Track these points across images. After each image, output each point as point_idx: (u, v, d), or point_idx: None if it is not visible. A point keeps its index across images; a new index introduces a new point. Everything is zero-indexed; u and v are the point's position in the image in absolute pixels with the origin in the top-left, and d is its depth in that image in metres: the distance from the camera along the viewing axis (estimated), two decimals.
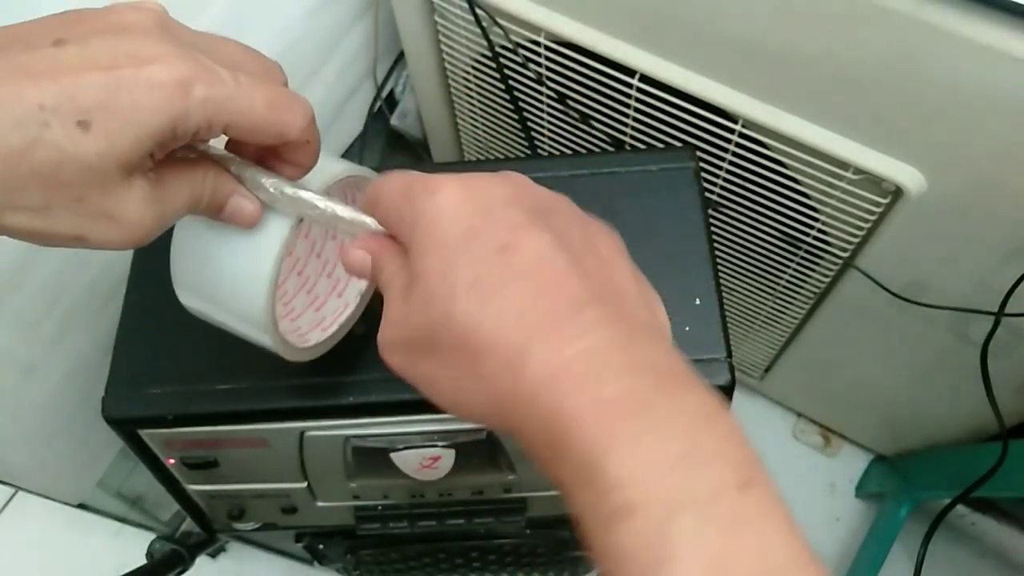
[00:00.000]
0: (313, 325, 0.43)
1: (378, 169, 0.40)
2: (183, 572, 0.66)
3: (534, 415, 0.25)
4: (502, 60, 0.79)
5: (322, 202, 0.33)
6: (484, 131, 0.95)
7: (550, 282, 0.26)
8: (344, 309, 0.44)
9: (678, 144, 0.74)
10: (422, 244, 0.28)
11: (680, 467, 0.22)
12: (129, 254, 0.53)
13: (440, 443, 0.51)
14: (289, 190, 0.32)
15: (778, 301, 0.90)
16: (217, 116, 0.28)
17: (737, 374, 0.49)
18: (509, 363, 0.25)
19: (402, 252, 0.30)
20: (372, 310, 0.49)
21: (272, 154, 0.32)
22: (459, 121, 0.98)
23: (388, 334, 0.30)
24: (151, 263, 0.52)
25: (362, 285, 0.45)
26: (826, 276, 0.80)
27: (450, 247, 0.27)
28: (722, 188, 0.77)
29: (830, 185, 0.68)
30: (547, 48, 0.73)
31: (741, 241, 0.83)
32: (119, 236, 0.28)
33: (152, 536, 0.67)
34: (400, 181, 0.30)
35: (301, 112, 0.31)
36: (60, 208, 0.26)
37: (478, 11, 0.74)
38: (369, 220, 0.33)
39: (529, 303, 0.26)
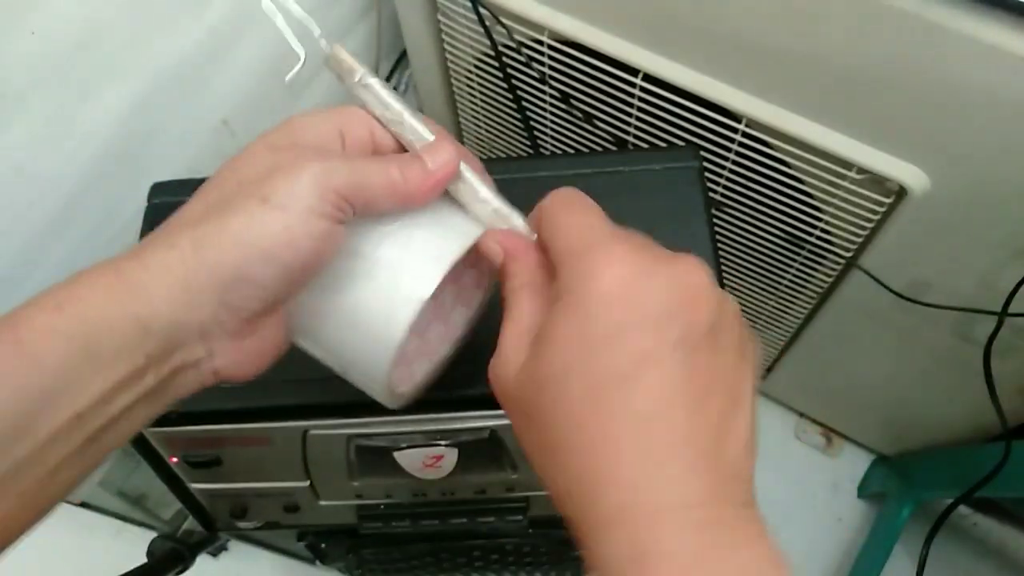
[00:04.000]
0: (419, 355, 0.40)
1: None
2: (183, 571, 0.66)
3: (605, 537, 0.26)
4: (505, 59, 0.79)
5: (484, 191, 0.34)
6: (487, 130, 0.95)
7: (654, 428, 0.26)
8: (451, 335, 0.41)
9: (681, 143, 0.74)
10: (568, 304, 0.28)
11: None
12: None
13: (443, 442, 0.50)
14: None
15: (781, 301, 0.90)
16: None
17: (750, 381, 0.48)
18: (587, 481, 0.26)
19: (542, 267, 0.32)
20: None
21: None
22: (462, 120, 0.98)
23: (502, 361, 0.30)
24: None
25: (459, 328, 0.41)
26: (829, 276, 0.80)
27: (588, 336, 0.27)
28: (725, 187, 0.76)
29: (834, 185, 0.67)
30: (550, 47, 0.73)
31: (744, 241, 0.83)
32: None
33: (153, 535, 0.67)
34: (582, 218, 0.30)
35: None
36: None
37: (481, 10, 0.74)
38: (521, 223, 0.33)
39: (626, 440, 0.26)
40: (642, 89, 0.71)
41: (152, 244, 0.29)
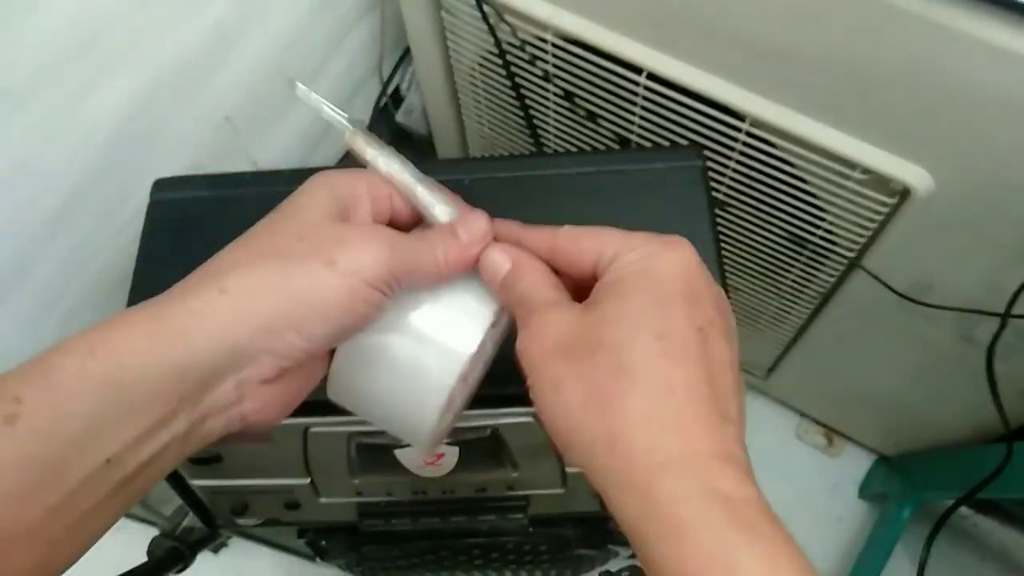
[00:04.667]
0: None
1: None
2: (184, 568, 0.66)
3: (659, 482, 0.27)
4: (509, 57, 0.79)
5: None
6: (490, 128, 0.95)
7: (719, 386, 0.29)
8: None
9: (685, 143, 0.74)
10: (637, 272, 0.31)
11: None
12: (132, 252, 0.53)
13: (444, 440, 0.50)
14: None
15: (783, 301, 0.90)
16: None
17: (741, 373, 0.48)
18: (656, 419, 0.28)
19: (545, 270, 0.34)
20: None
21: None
22: (465, 118, 0.98)
23: (542, 330, 0.32)
24: (154, 261, 0.52)
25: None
26: (832, 276, 0.80)
27: (664, 294, 0.30)
28: (729, 187, 0.76)
29: (837, 185, 0.67)
30: (554, 45, 0.73)
31: (748, 240, 0.83)
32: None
33: (154, 532, 0.67)
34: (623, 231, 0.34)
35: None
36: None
37: (485, 8, 0.74)
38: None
39: (700, 386, 0.29)
40: (646, 88, 0.71)
41: (196, 288, 0.30)
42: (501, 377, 0.47)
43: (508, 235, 0.36)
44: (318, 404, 0.48)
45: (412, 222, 0.37)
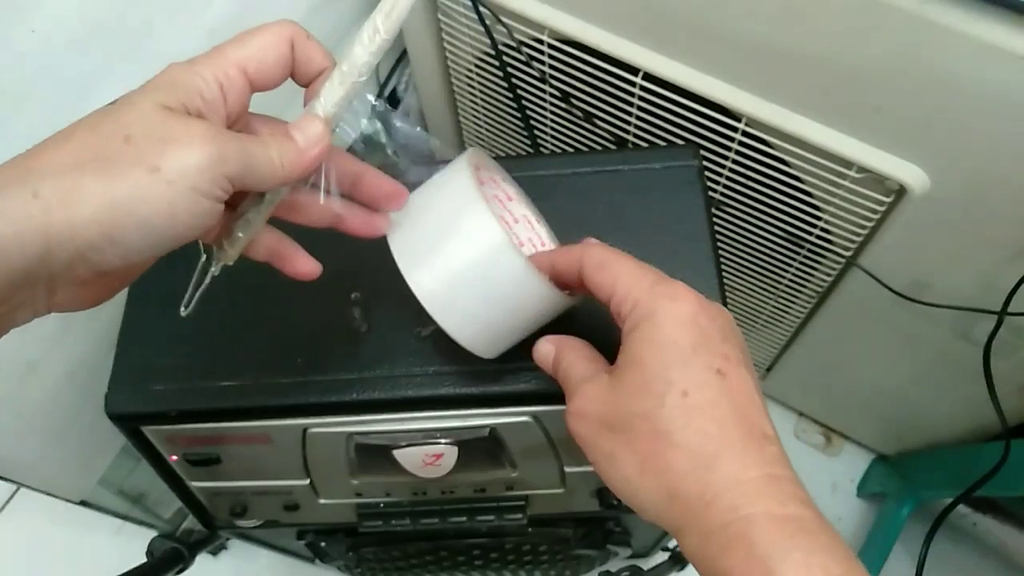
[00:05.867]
0: None
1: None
2: (183, 570, 0.66)
3: (711, 515, 0.31)
4: (505, 58, 0.79)
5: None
6: (487, 130, 0.95)
7: (748, 413, 0.33)
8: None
9: (681, 143, 0.74)
10: (649, 335, 0.34)
11: None
12: None
13: (443, 440, 0.50)
14: None
15: (780, 300, 0.90)
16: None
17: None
18: (699, 466, 0.32)
19: (583, 347, 0.39)
20: (380, 308, 0.49)
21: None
22: (462, 120, 0.98)
23: (583, 405, 0.36)
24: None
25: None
26: (829, 275, 0.80)
27: (676, 352, 0.33)
28: (725, 187, 0.76)
29: (833, 184, 0.67)
30: (550, 46, 0.73)
31: (744, 240, 0.83)
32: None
33: (153, 534, 0.67)
34: (637, 264, 0.37)
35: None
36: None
37: (481, 9, 0.74)
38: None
39: (729, 423, 0.32)
40: (642, 88, 0.71)
41: (9, 186, 0.28)
42: (499, 377, 0.47)
43: (541, 262, 0.39)
44: (316, 405, 0.49)
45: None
